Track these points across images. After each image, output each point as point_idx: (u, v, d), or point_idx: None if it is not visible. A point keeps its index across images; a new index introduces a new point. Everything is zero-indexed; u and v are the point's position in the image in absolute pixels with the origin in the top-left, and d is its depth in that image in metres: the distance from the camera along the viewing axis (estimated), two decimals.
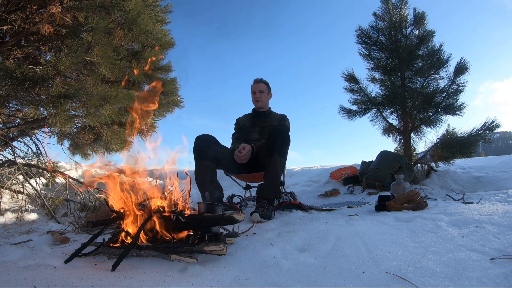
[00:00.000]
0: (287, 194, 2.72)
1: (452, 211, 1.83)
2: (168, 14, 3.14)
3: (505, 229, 1.37)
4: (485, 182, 3.34)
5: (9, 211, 2.14)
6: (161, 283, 0.98)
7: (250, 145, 2.27)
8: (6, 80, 1.85)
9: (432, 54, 3.56)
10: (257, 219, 1.87)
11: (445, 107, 3.53)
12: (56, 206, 2.39)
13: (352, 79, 3.98)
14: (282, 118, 2.57)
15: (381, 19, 3.93)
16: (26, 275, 1.03)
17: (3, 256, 1.24)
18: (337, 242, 1.31)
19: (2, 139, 2.57)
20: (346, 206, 2.46)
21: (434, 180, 3.41)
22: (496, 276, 0.93)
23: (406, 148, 3.75)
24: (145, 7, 2.40)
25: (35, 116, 2.49)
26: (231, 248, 1.30)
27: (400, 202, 2.05)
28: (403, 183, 2.37)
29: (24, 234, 1.70)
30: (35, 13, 2.25)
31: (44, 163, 3.04)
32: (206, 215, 1.29)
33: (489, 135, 3.30)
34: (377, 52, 3.94)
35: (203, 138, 2.23)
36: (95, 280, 1.00)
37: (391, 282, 0.94)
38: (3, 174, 2.38)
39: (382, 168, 3.27)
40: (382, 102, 3.81)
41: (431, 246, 1.24)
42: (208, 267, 1.10)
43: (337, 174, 3.92)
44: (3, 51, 2.27)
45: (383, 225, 1.63)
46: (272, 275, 1.03)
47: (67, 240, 1.55)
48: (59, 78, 2.05)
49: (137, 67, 2.69)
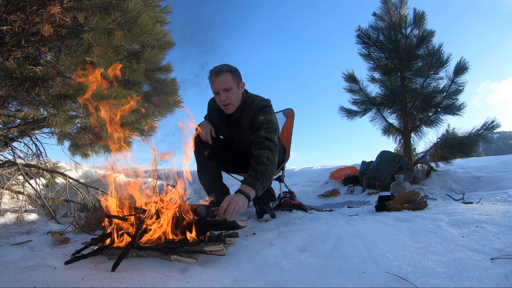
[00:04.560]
0: (286, 194, 2.72)
1: (452, 211, 1.82)
2: (168, 14, 3.15)
3: (505, 229, 1.37)
4: (485, 182, 3.34)
5: (9, 211, 2.14)
6: (161, 284, 0.98)
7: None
8: (6, 81, 1.85)
9: (432, 54, 3.56)
10: (269, 218, 1.96)
11: (445, 107, 3.53)
12: (56, 206, 2.39)
13: (352, 79, 3.97)
14: (260, 121, 1.75)
15: (381, 19, 3.93)
16: (26, 275, 1.03)
17: (3, 257, 1.24)
18: (337, 242, 1.31)
19: (2, 139, 2.57)
20: (346, 206, 2.46)
21: (434, 180, 3.40)
22: (496, 276, 0.93)
23: (406, 148, 3.74)
24: (145, 7, 2.41)
25: (35, 117, 2.50)
26: (231, 248, 1.30)
27: (400, 202, 2.05)
28: (403, 183, 2.37)
29: (24, 235, 1.70)
30: (35, 14, 2.25)
31: (44, 163, 3.04)
32: (209, 219, 1.29)
33: (489, 135, 3.29)
34: (377, 52, 3.94)
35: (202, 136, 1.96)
36: (95, 281, 1.00)
37: (391, 282, 0.94)
38: (3, 174, 2.38)
39: (382, 168, 3.27)
40: (382, 102, 3.81)
41: (431, 246, 1.24)
42: (208, 268, 1.10)
43: (337, 174, 3.91)
44: (3, 52, 2.27)
45: (383, 225, 1.63)
46: (272, 275, 1.03)
47: (67, 241, 1.55)
48: (59, 79, 2.05)
49: (137, 67, 2.70)
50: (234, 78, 1.77)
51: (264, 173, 1.56)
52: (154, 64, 3.00)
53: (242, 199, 1.44)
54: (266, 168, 1.57)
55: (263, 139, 1.67)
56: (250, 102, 1.85)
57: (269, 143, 1.66)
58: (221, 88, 1.74)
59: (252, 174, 1.55)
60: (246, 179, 1.55)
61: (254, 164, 1.59)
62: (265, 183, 1.57)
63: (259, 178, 1.54)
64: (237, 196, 1.44)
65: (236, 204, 1.40)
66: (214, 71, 1.77)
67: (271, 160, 1.61)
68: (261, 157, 1.59)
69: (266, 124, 1.75)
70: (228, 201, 1.40)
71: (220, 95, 1.77)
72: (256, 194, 1.52)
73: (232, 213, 1.37)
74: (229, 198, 1.42)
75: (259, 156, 1.60)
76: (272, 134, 1.72)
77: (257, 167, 1.57)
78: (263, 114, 1.78)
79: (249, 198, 1.47)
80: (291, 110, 2.77)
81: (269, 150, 1.64)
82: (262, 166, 1.57)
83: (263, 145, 1.65)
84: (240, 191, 1.48)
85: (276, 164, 1.69)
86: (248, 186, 1.51)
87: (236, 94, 1.79)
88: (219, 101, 1.82)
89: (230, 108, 1.81)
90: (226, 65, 1.79)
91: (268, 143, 1.66)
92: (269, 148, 1.64)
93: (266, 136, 1.69)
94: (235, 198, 1.42)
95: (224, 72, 1.74)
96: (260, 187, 1.54)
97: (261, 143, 1.66)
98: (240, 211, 1.42)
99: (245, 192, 1.48)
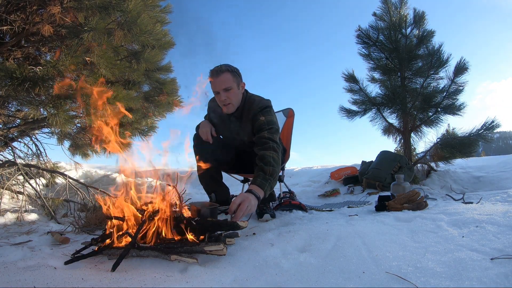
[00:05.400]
0: (286, 194, 2.71)
1: (452, 211, 1.82)
2: (168, 14, 3.15)
3: (505, 228, 1.37)
4: (485, 182, 3.34)
5: (9, 211, 2.14)
6: (162, 284, 0.98)
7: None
8: (6, 81, 1.85)
9: (432, 54, 3.56)
10: (269, 218, 1.95)
11: (445, 107, 3.53)
12: (56, 206, 2.38)
13: (352, 79, 3.98)
14: (262, 122, 1.74)
15: (381, 19, 3.93)
16: (26, 275, 1.03)
17: (3, 257, 1.24)
18: (337, 242, 1.31)
19: (2, 139, 2.57)
20: (346, 206, 2.46)
21: (434, 180, 3.41)
22: (496, 276, 0.93)
23: (406, 148, 3.75)
24: (145, 7, 2.40)
25: (35, 117, 2.50)
26: (231, 249, 1.30)
27: (400, 202, 2.05)
28: (403, 183, 2.37)
29: (24, 235, 1.70)
30: (35, 14, 2.25)
31: (44, 163, 3.04)
32: (210, 219, 1.30)
33: (489, 135, 3.30)
34: (377, 52, 3.94)
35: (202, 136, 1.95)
36: (95, 281, 1.00)
37: (391, 282, 0.94)
38: (3, 174, 2.38)
39: (382, 168, 3.27)
40: (382, 102, 3.81)
41: (431, 246, 1.24)
42: (208, 268, 1.10)
43: (337, 174, 3.91)
44: (3, 52, 2.27)
45: (383, 225, 1.63)
46: (272, 275, 1.03)
47: (67, 241, 1.55)
48: (59, 79, 2.05)
49: (137, 67, 2.69)
50: (234, 78, 1.76)
51: (272, 173, 1.56)
52: (154, 64, 3.00)
53: (254, 199, 1.45)
54: (274, 169, 1.57)
55: (266, 140, 1.67)
56: (251, 102, 1.84)
57: (273, 144, 1.66)
58: (221, 88, 1.74)
59: (261, 174, 1.55)
60: (255, 180, 1.54)
61: (261, 165, 1.58)
62: (272, 184, 1.57)
63: (268, 179, 1.54)
64: (250, 195, 1.44)
65: (249, 203, 1.41)
66: (214, 71, 1.76)
67: (276, 161, 1.61)
68: (268, 158, 1.59)
69: (268, 125, 1.74)
70: (242, 199, 1.41)
71: (220, 95, 1.76)
72: (264, 195, 1.52)
73: (245, 211, 1.38)
74: (244, 196, 1.43)
75: (265, 156, 1.59)
76: (274, 134, 1.72)
77: (265, 167, 1.56)
78: (264, 114, 1.77)
79: (259, 199, 1.48)
80: (291, 109, 2.76)
81: (273, 150, 1.63)
82: (270, 166, 1.56)
83: (268, 146, 1.64)
84: (251, 191, 1.48)
85: (280, 165, 1.69)
86: (257, 187, 1.51)
87: (236, 94, 1.79)
88: (219, 101, 1.81)
89: (230, 108, 1.81)
90: (226, 65, 1.79)
91: (272, 144, 1.66)
92: (274, 149, 1.64)
93: (269, 137, 1.69)
94: (249, 197, 1.43)
95: (224, 72, 1.74)
96: (268, 188, 1.54)
97: (265, 143, 1.66)
98: (251, 211, 1.44)
99: (256, 192, 1.48)
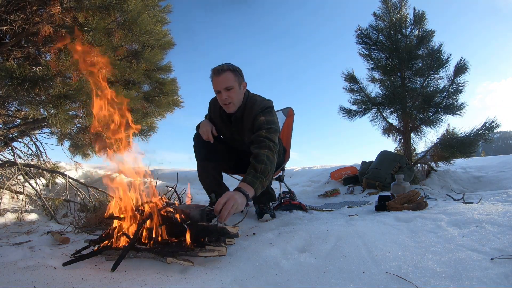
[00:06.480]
0: (286, 194, 2.71)
1: (452, 211, 1.82)
2: (168, 14, 3.15)
3: (505, 228, 1.37)
4: (485, 182, 3.34)
5: (9, 211, 2.14)
6: (162, 284, 0.98)
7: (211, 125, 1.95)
8: (6, 81, 1.85)
9: (432, 54, 3.56)
10: (269, 218, 1.96)
11: (445, 107, 3.53)
12: (56, 206, 2.39)
13: (352, 79, 3.97)
14: (261, 121, 1.73)
15: (381, 19, 3.93)
16: (26, 275, 1.03)
17: (3, 257, 1.24)
18: (337, 242, 1.31)
19: (2, 139, 2.57)
20: (346, 206, 2.46)
21: (434, 180, 3.40)
22: (496, 276, 0.93)
23: (406, 148, 3.74)
24: (145, 7, 2.40)
25: (35, 117, 2.50)
26: (231, 249, 1.30)
27: (400, 202, 2.05)
28: (403, 183, 2.37)
29: (24, 235, 1.70)
30: (35, 14, 2.25)
31: (44, 163, 3.04)
32: (200, 224, 1.27)
33: (489, 135, 3.29)
34: (377, 52, 3.94)
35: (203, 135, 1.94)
36: (95, 281, 1.00)
37: (391, 282, 0.94)
38: (3, 174, 2.38)
39: (382, 168, 3.27)
40: (382, 102, 3.81)
41: (431, 246, 1.24)
42: (209, 268, 1.10)
43: (337, 174, 3.91)
44: (3, 52, 2.27)
45: (383, 225, 1.63)
46: (273, 275, 1.03)
47: (67, 241, 1.55)
48: (59, 79, 2.05)
49: (137, 67, 2.69)
50: (235, 77, 1.75)
51: (263, 171, 1.53)
52: (154, 64, 3.00)
53: (241, 197, 1.39)
54: (266, 167, 1.54)
55: (263, 138, 1.65)
56: (252, 102, 1.82)
57: (269, 143, 1.63)
58: (222, 87, 1.72)
59: (252, 172, 1.52)
60: (245, 177, 1.51)
61: (253, 162, 1.56)
62: (264, 182, 1.53)
63: (259, 176, 1.50)
64: (236, 194, 1.38)
65: (234, 202, 1.34)
66: (215, 70, 1.75)
67: (270, 160, 1.58)
68: (261, 156, 1.56)
69: (267, 124, 1.72)
70: (227, 198, 1.34)
71: (221, 94, 1.74)
72: (255, 193, 1.48)
73: (230, 210, 1.33)
74: (228, 194, 1.37)
75: (259, 154, 1.56)
76: (272, 134, 1.69)
77: (256, 165, 1.53)
78: (264, 114, 1.76)
79: (247, 197, 1.43)
80: (291, 109, 2.76)
81: (269, 149, 1.61)
82: (262, 164, 1.53)
83: (263, 144, 1.62)
84: (239, 189, 1.43)
85: (276, 164, 1.66)
86: (247, 184, 1.47)
87: (238, 94, 1.77)
88: (220, 100, 1.79)
89: (231, 107, 1.79)
90: (228, 64, 1.77)
91: (268, 143, 1.63)
92: (269, 148, 1.61)
93: (267, 135, 1.66)
94: (234, 195, 1.36)
95: (226, 71, 1.72)
96: (259, 186, 1.50)
97: (261, 142, 1.63)
98: (239, 210, 1.38)
99: (244, 190, 1.43)
